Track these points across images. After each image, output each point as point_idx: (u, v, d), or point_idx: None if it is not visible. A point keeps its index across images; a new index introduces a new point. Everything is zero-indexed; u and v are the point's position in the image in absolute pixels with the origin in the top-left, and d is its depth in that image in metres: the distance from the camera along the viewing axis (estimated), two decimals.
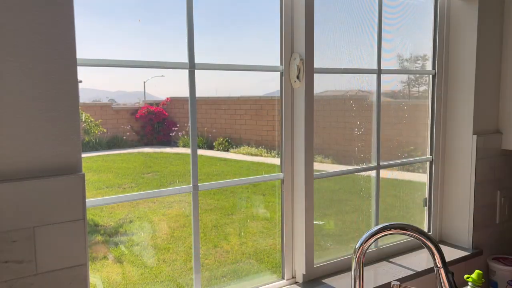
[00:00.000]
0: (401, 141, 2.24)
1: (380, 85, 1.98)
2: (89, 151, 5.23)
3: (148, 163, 5.53)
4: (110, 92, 5.87)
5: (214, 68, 1.56)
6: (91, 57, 1.29)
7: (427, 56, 2.19)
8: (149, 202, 4.48)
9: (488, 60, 2.10)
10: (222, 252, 3.68)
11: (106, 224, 4.05)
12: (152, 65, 1.45)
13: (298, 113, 1.71)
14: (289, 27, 1.69)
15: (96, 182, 4.84)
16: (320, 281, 1.77)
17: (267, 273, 3.40)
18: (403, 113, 2.24)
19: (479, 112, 2.09)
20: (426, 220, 2.25)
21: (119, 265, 3.38)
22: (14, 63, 1.05)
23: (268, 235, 4.02)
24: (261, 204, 4.64)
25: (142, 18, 3.28)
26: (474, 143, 2.07)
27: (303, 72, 1.66)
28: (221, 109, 5.85)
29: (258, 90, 5.32)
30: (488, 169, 2.14)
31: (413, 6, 2.13)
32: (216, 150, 5.90)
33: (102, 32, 4.21)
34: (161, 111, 5.85)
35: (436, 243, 1.27)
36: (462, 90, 2.11)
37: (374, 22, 1.95)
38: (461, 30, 2.10)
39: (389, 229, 1.29)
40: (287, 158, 1.75)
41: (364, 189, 2.08)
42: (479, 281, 1.46)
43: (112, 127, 5.58)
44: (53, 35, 1.09)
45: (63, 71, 1.11)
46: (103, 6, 3.02)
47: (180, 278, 3.28)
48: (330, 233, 2.06)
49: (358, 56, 1.94)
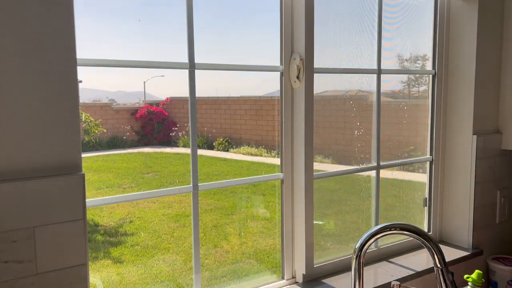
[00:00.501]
0: (401, 141, 2.24)
1: (380, 85, 1.98)
2: (89, 151, 5.23)
3: (148, 163, 5.53)
4: (110, 92, 5.87)
5: (214, 68, 1.56)
6: (91, 57, 1.29)
7: (427, 56, 2.19)
8: (149, 202, 4.48)
9: (488, 60, 2.10)
10: (222, 252, 3.68)
11: (106, 224, 4.05)
12: (152, 65, 1.45)
13: (298, 113, 1.71)
14: (289, 27, 1.69)
15: (96, 182, 4.84)
16: (320, 281, 1.77)
17: (267, 273, 3.40)
18: (403, 113, 2.24)
19: (479, 112, 2.09)
20: (426, 220, 2.25)
21: (119, 265, 3.38)
22: (14, 63, 1.05)
23: (268, 235, 4.02)
24: (261, 204, 4.64)
25: (142, 18, 3.28)
26: (474, 143, 2.07)
27: (303, 72, 1.66)
28: (221, 109, 5.85)
29: (258, 90, 5.32)
30: (488, 169, 2.14)
31: (413, 6, 2.13)
32: (216, 150, 5.90)
33: (102, 32, 4.21)
34: (161, 111, 5.85)
35: (436, 243, 1.27)
36: (462, 90, 2.11)
37: (374, 21, 1.95)
38: (461, 30, 2.10)
39: (389, 229, 1.29)
40: (287, 158, 1.75)
41: (364, 189, 2.08)
42: (479, 281, 1.46)
43: (112, 127, 5.58)
44: (53, 35, 1.09)
45: (63, 71, 1.11)
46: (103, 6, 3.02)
47: (180, 278, 3.28)
48: (330, 233, 2.06)
49: (358, 56, 1.94)
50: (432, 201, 2.22)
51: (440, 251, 1.26)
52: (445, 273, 1.27)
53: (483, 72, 2.08)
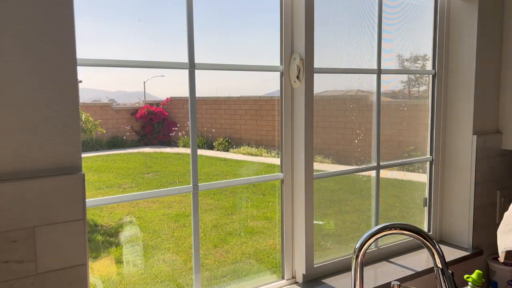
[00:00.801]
0: (401, 141, 2.24)
1: (380, 85, 1.98)
2: (89, 151, 5.24)
3: (148, 163, 5.53)
4: (110, 92, 5.87)
5: (214, 68, 1.56)
6: (91, 57, 1.29)
7: (427, 56, 2.19)
8: (149, 202, 4.48)
9: (488, 60, 2.10)
10: (222, 252, 3.68)
11: (106, 224, 4.05)
12: (152, 65, 1.45)
13: (298, 113, 1.71)
14: (289, 27, 1.69)
15: (96, 182, 4.84)
16: (320, 281, 1.77)
17: (267, 273, 3.41)
18: (403, 113, 2.24)
19: (479, 112, 2.09)
20: (426, 220, 2.25)
21: (119, 265, 3.38)
22: (14, 63, 1.05)
23: (268, 235, 4.02)
24: (261, 204, 4.64)
25: (142, 18, 3.28)
26: (474, 143, 2.07)
27: (303, 72, 1.66)
28: (221, 109, 5.86)
29: (258, 90, 5.32)
30: (488, 169, 2.14)
31: (413, 6, 2.13)
32: (216, 150, 5.90)
33: (102, 32, 4.21)
34: (161, 111, 5.85)
35: (436, 243, 1.27)
36: (462, 90, 2.11)
37: (374, 22, 1.95)
38: (461, 30, 2.10)
39: (389, 229, 1.29)
40: (287, 158, 1.75)
41: (364, 189, 2.08)
42: (479, 281, 1.46)
43: (112, 127, 5.59)
44: (53, 35, 1.09)
45: (63, 71, 1.11)
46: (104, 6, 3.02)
47: (180, 278, 3.28)
48: (330, 233, 2.06)
49: (358, 56, 1.94)
50: (432, 201, 2.22)
51: (440, 251, 1.26)
52: (445, 273, 1.27)
53: (483, 72, 2.08)
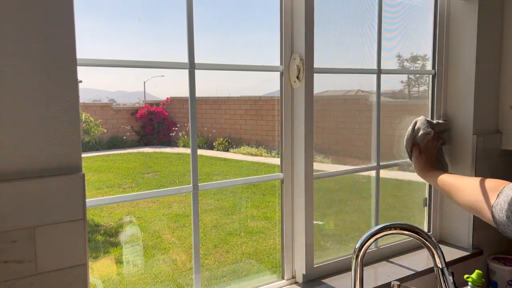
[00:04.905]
0: (401, 141, 2.24)
1: (380, 85, 1.98)
2: (89, 151, 5.24)
3: (148, 163, 5.53)
4: (110, 92, 5.88)
5: (214, 68, 1.56)
6: (91, 57, 1.29)
7: (427, 56, 2.19)
8: (149, 202, 4.49)
9: (488, 60, 2.10)
10: (222, 252, 3.68)
11: (106, 224, 4.05)
12: (152, 65, 1.45)
13: (298, 113, 1.71)
14: (289, 27, 1.69)
15: (96, 182, 4.84)
16: (320, 281, 1.77)
17: (267, 273, 3.41)
18: (403, 113, 2.24)
19: (479, 112, 2.09)
20: (426, 220, 2.25)
21: (119, 265, 3.38)
22: (13, 63, 1.05)
23: (268, 235, 4.02)
24: (261, 204, 4.64)
25: (142, 18, 3.28)
26: (474, 143, 2.07)
27: (303, 72, 1.66)
28: (221, 109, 5.86)
29: (258, 90, 5.33)
30: (488, 169, 2.14)
31: (413, 6, 2.14)
32: (216, 150, 5.90)
33: (102, 32, 4.21)
34: (161, 111, 5.85)
35: (436, 243, 1.27)
36: (462, 90, 2.11)
37: (374, 22, 1.95)
38: (461, 30, 2.10)
39: (389, 229, 1.29)
40: (287, 158, 1.75)
41: (364, 189, 2.08)
42: (479, 281, 1.45)
43: (112, 127, 5.59)
44: (53, 34, 1.09)
45: (63, 71, 1.11)
46: (104, 6, 3.02)
47: (180, 278, 3.28)
48: (330, 233, 2.06)
49: (358, 56, 1.95)
50: (432, 201, 2.22)
51: (440, 251, 1.26)
52: (445, 273, 1.27)
53: (483, 72, 2.08)
